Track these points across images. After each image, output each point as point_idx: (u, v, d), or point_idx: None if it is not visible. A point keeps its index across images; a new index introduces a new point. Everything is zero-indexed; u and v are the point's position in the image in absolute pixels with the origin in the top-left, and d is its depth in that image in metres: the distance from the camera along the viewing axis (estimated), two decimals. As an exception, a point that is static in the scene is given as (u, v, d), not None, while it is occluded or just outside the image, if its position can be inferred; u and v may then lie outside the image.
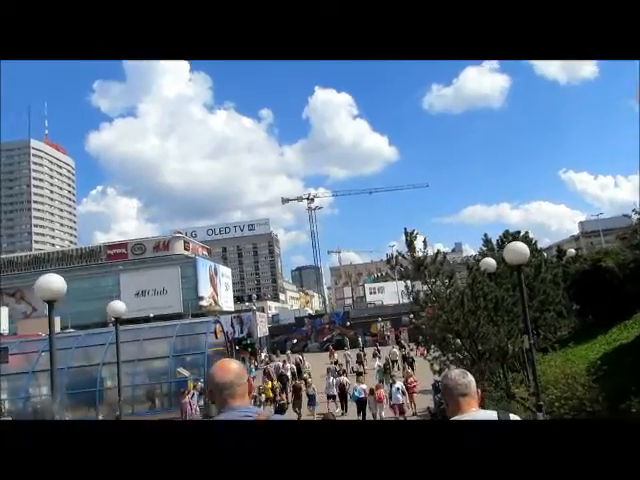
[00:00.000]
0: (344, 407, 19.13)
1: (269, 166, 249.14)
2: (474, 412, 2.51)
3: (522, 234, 16.71)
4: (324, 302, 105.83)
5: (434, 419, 13.21)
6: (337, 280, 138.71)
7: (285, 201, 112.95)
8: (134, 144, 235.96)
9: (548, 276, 12.93)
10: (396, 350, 29.36)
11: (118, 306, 11.99)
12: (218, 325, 26.26)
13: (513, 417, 2.53)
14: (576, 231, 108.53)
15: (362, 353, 31.24)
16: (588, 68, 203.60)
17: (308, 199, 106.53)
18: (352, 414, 17.67)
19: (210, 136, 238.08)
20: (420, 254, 9.83)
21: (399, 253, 9.99)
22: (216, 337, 25.53)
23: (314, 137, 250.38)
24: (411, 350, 29.70)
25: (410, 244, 9.79)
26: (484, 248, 16.33)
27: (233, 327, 39.62)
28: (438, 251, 9.93)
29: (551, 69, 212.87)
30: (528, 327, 8.53)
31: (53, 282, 8.12)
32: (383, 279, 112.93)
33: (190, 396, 20.14)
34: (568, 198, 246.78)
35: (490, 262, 12.10)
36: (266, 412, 2.46)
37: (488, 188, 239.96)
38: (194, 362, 23.20)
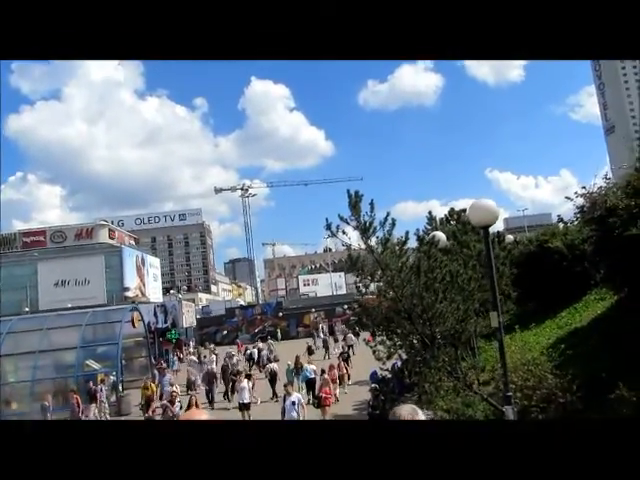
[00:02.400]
0: (274, 393, 18.86)
1: (203, 157, 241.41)
2: None
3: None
4: (257, 294, 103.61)
5: (375, 413, 11.81)
6: (271, 272, 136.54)
7: (218, 191, 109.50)
8: (58, 129, 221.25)
9: (501, 252, 11.81)
10: (351, 335, 28.76)
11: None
12: (136, 313, 23.83)
13: None
14: (501, 228, 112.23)
15: (327, 339, 32.37)
16: (515, 71, 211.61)
17: (242, 189, 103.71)
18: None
19: (141, 123, 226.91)
20: (366, 218, 8.25)
21: (341, 218, 8.33)
22: (134, 326, 23.14)
23: (250, 128, 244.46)
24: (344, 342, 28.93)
25: (354, 206, 8.17)
26: (429, 227, 15.12)
27: (156, 317, 36.79)
28: (388, 214, 8.42)
29: (481, 70, 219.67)
30: (497, 302, 7.21)
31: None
32: (317, 271, 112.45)
33: (99, 390, 17.91)
34: (493, 196, 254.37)
35: (441, 236, 10.80)
36: None
37: (419, 185, 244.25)
38: (107, 353, 20.83)
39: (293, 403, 13.00)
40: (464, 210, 15.82)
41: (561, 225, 18.67)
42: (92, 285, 58.63)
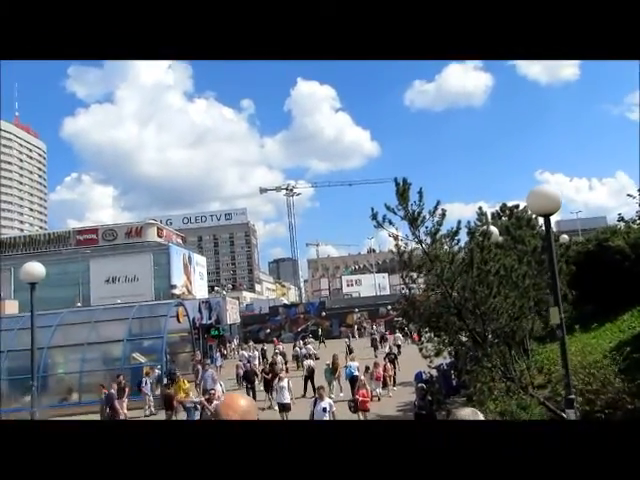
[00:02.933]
0: (313, 390, 17.53)
1: (249, 157, 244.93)
2: None
3: (522, 208, 14.87)
4: (300, 294, 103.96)
5: (422, 414, 11.31)
6: (314, 272, 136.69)
7: (263, 191, 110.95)
8: (111, 131, 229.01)
9: (560, 250, 11.11)
10: (400, 335, 27.79)
11: (34, 268, 9.63)
12: (181, 308, 24.06)
13: None
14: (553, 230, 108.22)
15: (376, 337, 32.43)
16: (569, 70, 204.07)
17: (287, 189, 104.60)
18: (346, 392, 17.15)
19: (189, 125, 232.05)
20: (415, 207, 7.80)
21: (387, 207, 7.91)
22: (179, 321, 23.36)
23: (295, 129, 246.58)
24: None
25: (402, 194, 7.75)
26: (479, 223, 14.41)
27: (201, 312, 37.17)
28: (438, 202, 7.92)
29: (533, 69, 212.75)
30: (558, 295, 6.66)
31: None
32: (360, 272, 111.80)
33: (143, 383, 18.08)
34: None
35: (494, 230, 10.23)
36: None
37: (467, 186, 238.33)
38: (152, 347, 21.07)
39: (324, 409, 12.03)
40: (517, 206, 15.07)
41: (622, 224, 17.59)
42: (141, 282, 60.26)
